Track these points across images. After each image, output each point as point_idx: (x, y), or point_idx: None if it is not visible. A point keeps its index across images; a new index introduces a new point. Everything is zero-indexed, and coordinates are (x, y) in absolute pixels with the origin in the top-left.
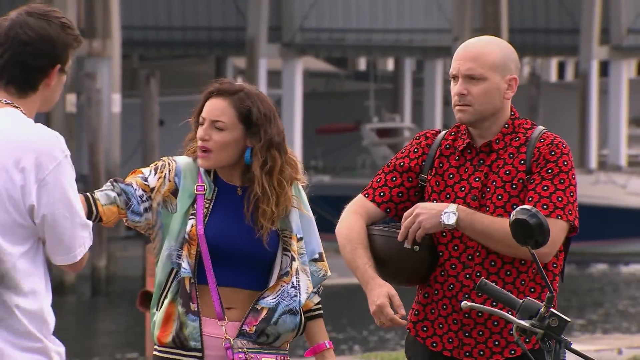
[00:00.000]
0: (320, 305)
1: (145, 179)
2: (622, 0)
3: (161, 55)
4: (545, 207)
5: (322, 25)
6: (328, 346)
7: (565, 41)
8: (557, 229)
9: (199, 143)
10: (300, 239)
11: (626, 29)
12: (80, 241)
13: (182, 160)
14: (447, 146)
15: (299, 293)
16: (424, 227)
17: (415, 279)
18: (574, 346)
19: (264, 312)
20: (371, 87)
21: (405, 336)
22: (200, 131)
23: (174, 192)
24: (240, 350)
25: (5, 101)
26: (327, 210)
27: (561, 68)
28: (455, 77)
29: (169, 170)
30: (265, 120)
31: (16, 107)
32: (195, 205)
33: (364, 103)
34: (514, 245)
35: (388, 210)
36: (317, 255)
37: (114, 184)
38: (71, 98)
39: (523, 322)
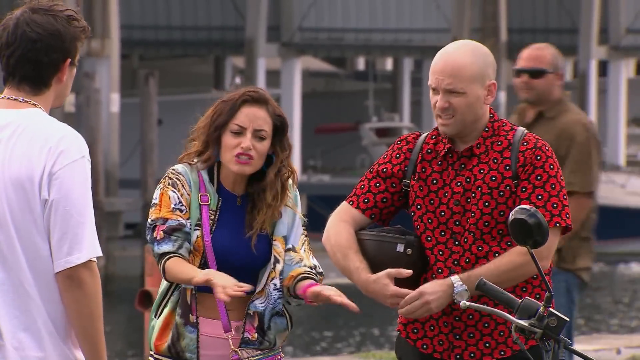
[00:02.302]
0: (314, 272)
1: (180, 208)
2: (620, 0)
3: (160, 55)
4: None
5: (321, 25)
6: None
7: (564, 41)
8: (555, 236)
9: (239, 151)
10: (284, 238)
11: (625, 29)
12: (83, 244)
13: (185, 171)
14: (429, 150)
15: (282, 295)
16: (434, 310)
17: (407, 282)
18: (573, 346)
19: (257, 318)
20: (370, 86)
21: (396, 337)
22: (245, 141)
23: (190, 203)
24: None
25: (23, 99)
26: (326, 209)
27: None
28: (435, 89)
29: (183, 185)
30: (288, 129)
31: (35, 104)
32: (200, 216)
33: (363, 103)
34: (519, 275)
35: (373, 216)
36: (290, 246)
37: (177, 235)
38: (70, 98)
39: (522, 322)
